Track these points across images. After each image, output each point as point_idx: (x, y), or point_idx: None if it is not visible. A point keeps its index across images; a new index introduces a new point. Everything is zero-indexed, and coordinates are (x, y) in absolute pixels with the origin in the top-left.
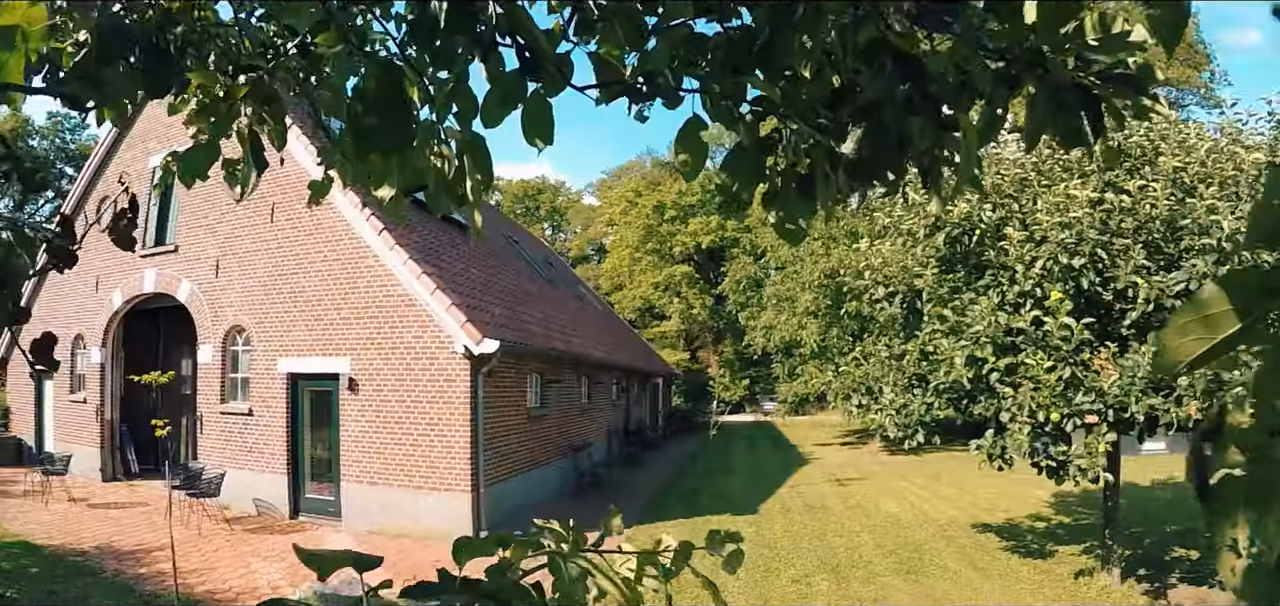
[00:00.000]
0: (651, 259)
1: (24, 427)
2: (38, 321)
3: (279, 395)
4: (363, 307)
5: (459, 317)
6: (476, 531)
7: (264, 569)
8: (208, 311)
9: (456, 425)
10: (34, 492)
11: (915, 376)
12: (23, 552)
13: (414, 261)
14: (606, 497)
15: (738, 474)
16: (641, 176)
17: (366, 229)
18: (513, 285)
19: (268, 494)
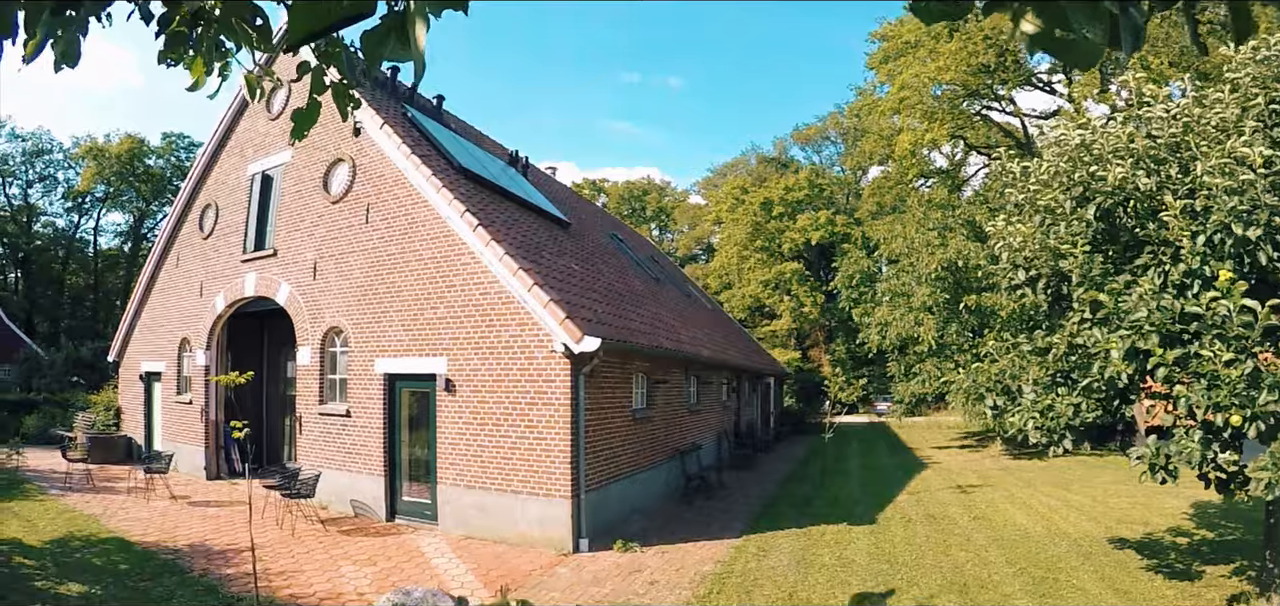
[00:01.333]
0: (760, 256)
1: (134, 427)
2: (145, 327)
3: (376, 396)
4: (459, 306)
5: (558, 314)
6: (576, 539)
7: (352, 573)
8: (306, 313)
9: (556, 427)
10: (137, 489)
11: (1060, 372)
12: (116, 549)
13: (510, 257)
14: (715, 503)
15: (853, 479)
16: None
17: (461, 226)
18: (616, 282)
19: (365, 495)
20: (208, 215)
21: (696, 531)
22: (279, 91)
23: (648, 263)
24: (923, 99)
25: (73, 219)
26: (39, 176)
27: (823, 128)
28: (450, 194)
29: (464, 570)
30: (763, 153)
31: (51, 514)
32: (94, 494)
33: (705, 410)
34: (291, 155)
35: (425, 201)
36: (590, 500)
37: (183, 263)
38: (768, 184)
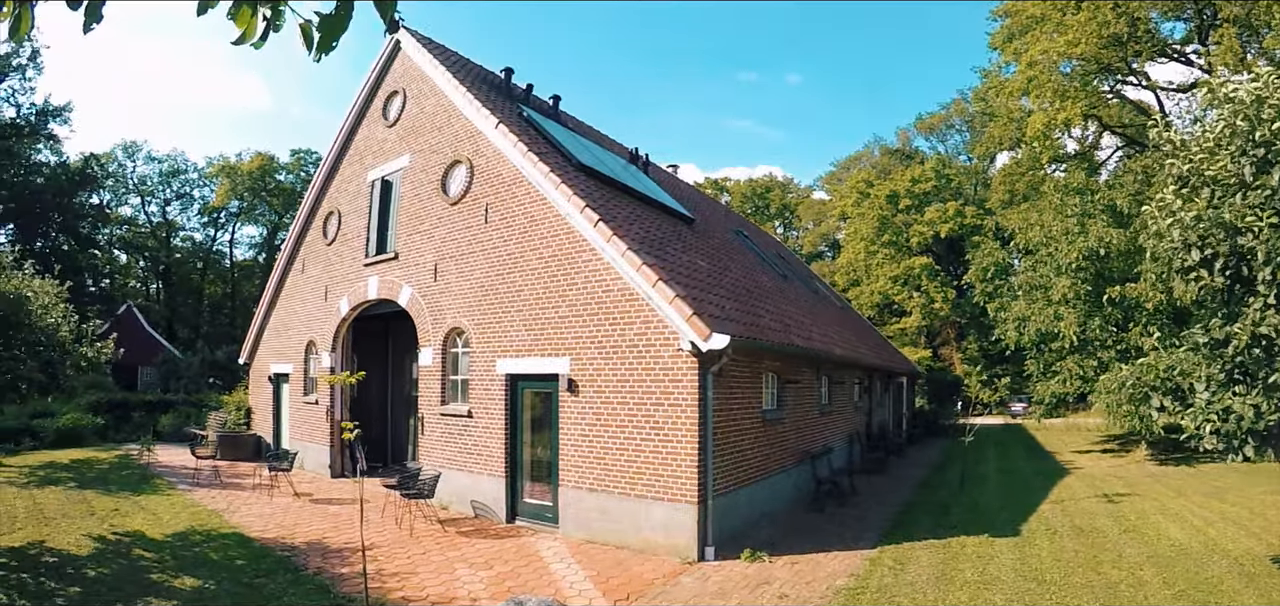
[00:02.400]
0: (888, 251)
1: (264, 426)
2: (273, 331)
3: (498, 397)
4: (582, 305)
5: (684, 311)
6: (701, 546)
7: (467, 577)
8: (427, 315)
9: (682, 429)
10: (262, 486)
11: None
12: (234, 545)
13: (633, 252)
14: (847, 510)
15: (991, 485)
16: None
17: (581, 222)
18: (744, 279)
19: (485, 496)
20: (331, 222)
21: (828, 540)
22: (396, 98)
23: (774, 259)
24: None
25: (209, 233)
26: (176, 195)
27: (946, 115)
28: (569, 190)
29: (583, 577)
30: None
31: (177, 508)
32: (220, 489)
33: (836, 411)
34: (410, 159)
35: (544, 199)
36: (717, 506)
37: (308, 268)
38: (893, 176)
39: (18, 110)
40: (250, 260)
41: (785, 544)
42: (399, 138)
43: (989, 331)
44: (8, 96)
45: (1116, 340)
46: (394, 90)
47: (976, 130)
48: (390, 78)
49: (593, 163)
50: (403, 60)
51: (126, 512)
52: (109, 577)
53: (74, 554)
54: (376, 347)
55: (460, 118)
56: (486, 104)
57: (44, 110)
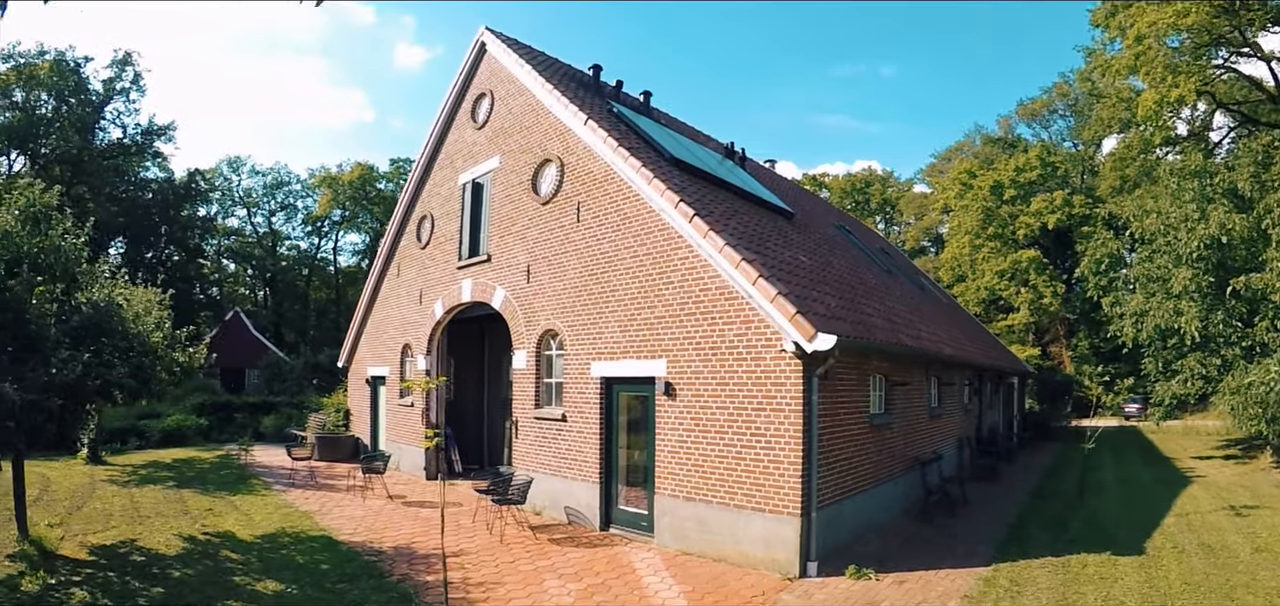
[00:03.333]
0: (993, 245)
1: (361, 428)
2: (370, 335)
3: (592, 400)
4: (677, 304)
5: (787, 309)
6: (803, 561)
7: (555, 589)
8: (521, 317)
9: (785, 435)
10: (356, 488)
11: None
12: (322, 548)
13: (731, 248)
14: (958, 522)
15: (1109, 495)
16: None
17: (676, 217)
18: (848, 275)
19: (579, 503)
20: (424, 226)
21: (938, 556)
22: (484, 101)
23: (878, 255)
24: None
25: (314, 241)
26: (280, 205)
27: (1048, 100)
28: (663, 185)
29: (676, 593)
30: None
31: (269, 508)
32: (314, 490)
33: (946, 415)
34: (499, 161)
35: (636, 195)
36: (821, 517)
37: (403, 272)
38: (996, 166)
39: (123, 130)
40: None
41: (892, 559)
42: (488, 140)
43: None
44: (113, 118)
45: (1241, 336)
46: (481, 92)
47: (1081, 114)
48: (477, 80)
49: (686, 157)
50: (489, 62)
51: (220, 512)
52: (193, 579)
53: (162, 553)
54: (473, 350)
55: (548, 116)
56: (574, 100)
57: (149, 129)
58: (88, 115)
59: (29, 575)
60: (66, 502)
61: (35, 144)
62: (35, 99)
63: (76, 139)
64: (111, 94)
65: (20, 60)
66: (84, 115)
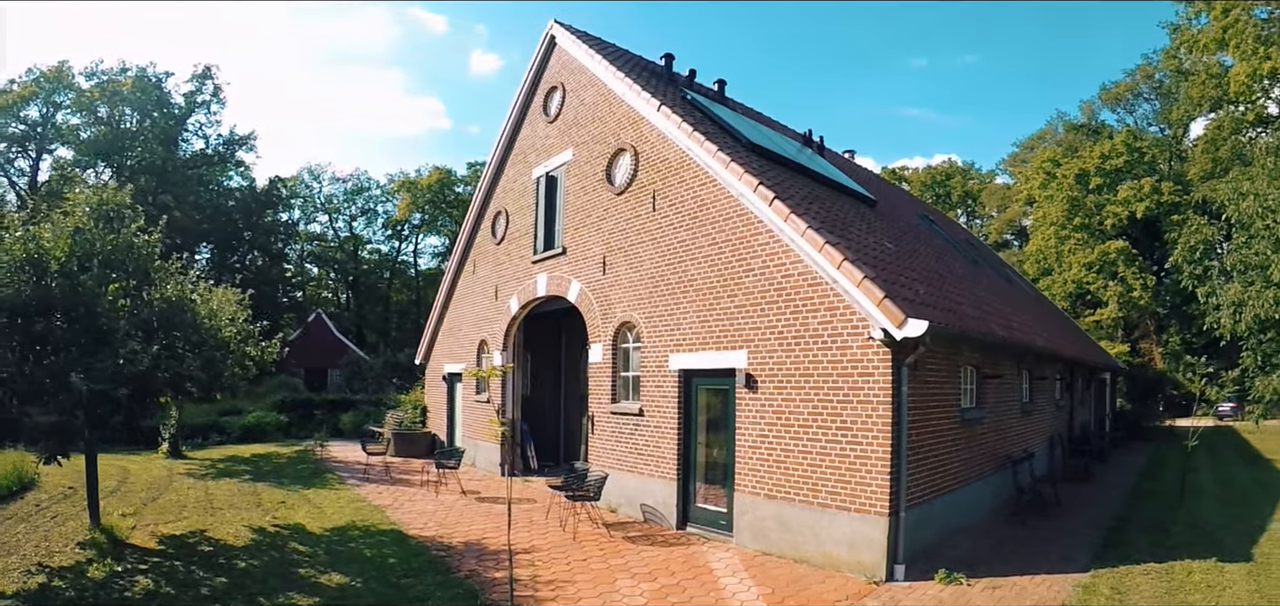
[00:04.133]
0: (1079, 236)
1: (438, 425)
2: (447, 332)
3: (670, 394)
4: (758, 293)
5: (875, 295)
6: (890, 565)
7: (628, 589)
8: (597, 310)
9: (873, 429)
10: (429, 483)
11: None
12: (390, 541)
13: (815, 231)
14: (1050, 523)
15: (1209, 498)
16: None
17: (755, 201)
18: (935, 263)
19: (655, 500)
20: (499, 222)
21: (1032, 560)
22: (555, 94)
23: (963, 245)
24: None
25: (394, 245)
26: (361, 211)
27: (1132, 82)
28: (741, 168)
29: (755, 595)
30: (1069, 119)
31: (342, 502)
32: (388, 485)
33: (1038, 412)
34: (572, 153)
35: (713, 181)
36: (910, 518)
37: (478, 269)
38: (1080, 154)
39: (206, 141)
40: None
41: (984, 563)
42: (560, 132)
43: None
44: (196, 129)
45: None
46: (553, 86)
47: (1167, 96)
48: (548, 74)
49: (764, 143)
50: (559, 55)
51: (292, 505)
52: (257, 570)
53: (231, 544)
54: (550, 347)
55: (621, 105)
56: (647, 88)
57: (230, 140)
58: (170, 127)
59: (96, 562)
60: (143, 494)
61: (120, 156)
62: (119, 114)
63: (160, 150)
64: (193, 107)
65: (103, 77)
66: (167, 127)
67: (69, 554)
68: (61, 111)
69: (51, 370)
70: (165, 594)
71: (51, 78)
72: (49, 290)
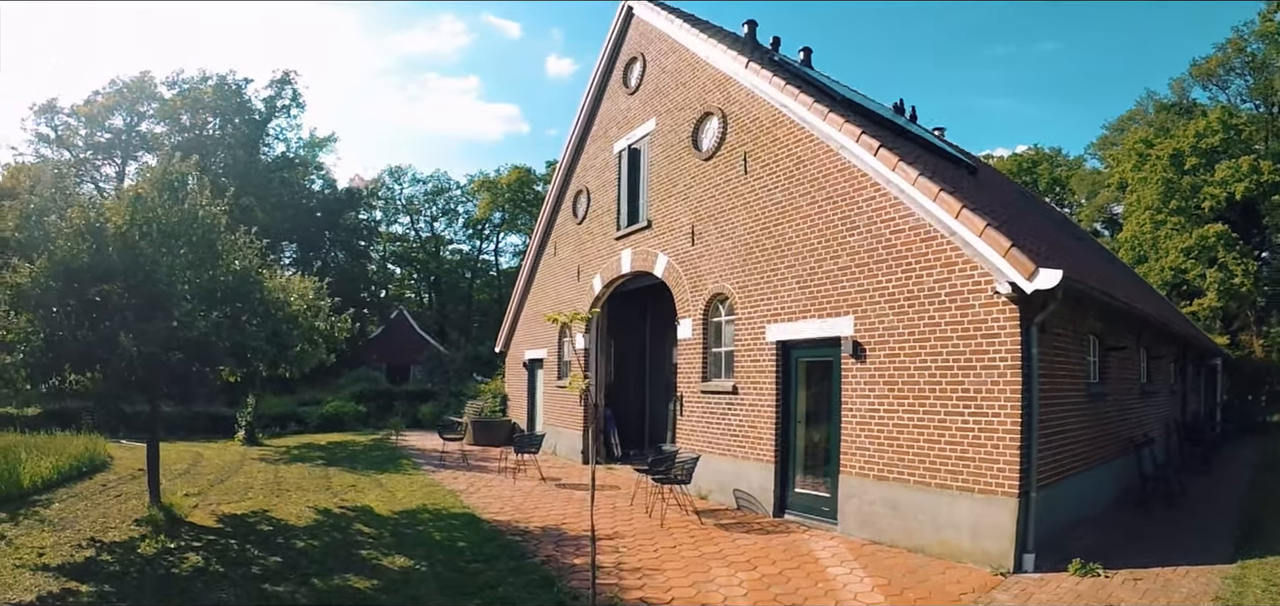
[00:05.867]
0: (1176, 220)
1: (518, 413)
2: (527, 318)
3: (767, 369)
4: (865, 252)
5: (999, 244)
6: (1019, 554)
7: (723, 579)
8: (686, 283)
9: (1000, 398)
10: (507, 469)
11: None
12: (462, 525)
13: (926, 180)
14: (1178, 513)
15: None
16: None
17: (859, 152)
18: (1043, 228)
19: (750, 485)
20: (580, 201)
21: (1167, 551)
22: (635, 64)
23: (1063, 223)
24: None
25: (475, 244)
26: (441, 211)
27: (1224, 57)
28: (840, 119)
29: (868, 586)
30: (1160, 99)
31: (414, 487)
32: (464, 471)
33: (1155, 393)
34: (655, 122)
35: (809, 136)
36: (1039, 501)
37: (560, 251)
38: (1173, 134)
39: (287, 145)
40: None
41: (1117, 554)
42: (642, 103)
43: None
44: (277, 134)
45: None
46: (632, 57)
47: (1262, 69)
48: (626, 46)
49: (858, 102)
50: (637, 26)
51: (362, 489)
52: (316, 550)
53: (291, 524)
54: (634, 330)
55: (706, 68)
56: (732, 48)
57: (311, 142)
58: (252, 132)
59: (149, 538)
60: (211, 476)
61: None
62: (202, 121)
63: (243, 155)
64: (273, 111)
65: (184, 86)
66: (248, 132)
67: (124, 530)
68: (145, 121)
69: (104, 335)
70: (213, 571)
71: (134, 88)
72: (107, 255)
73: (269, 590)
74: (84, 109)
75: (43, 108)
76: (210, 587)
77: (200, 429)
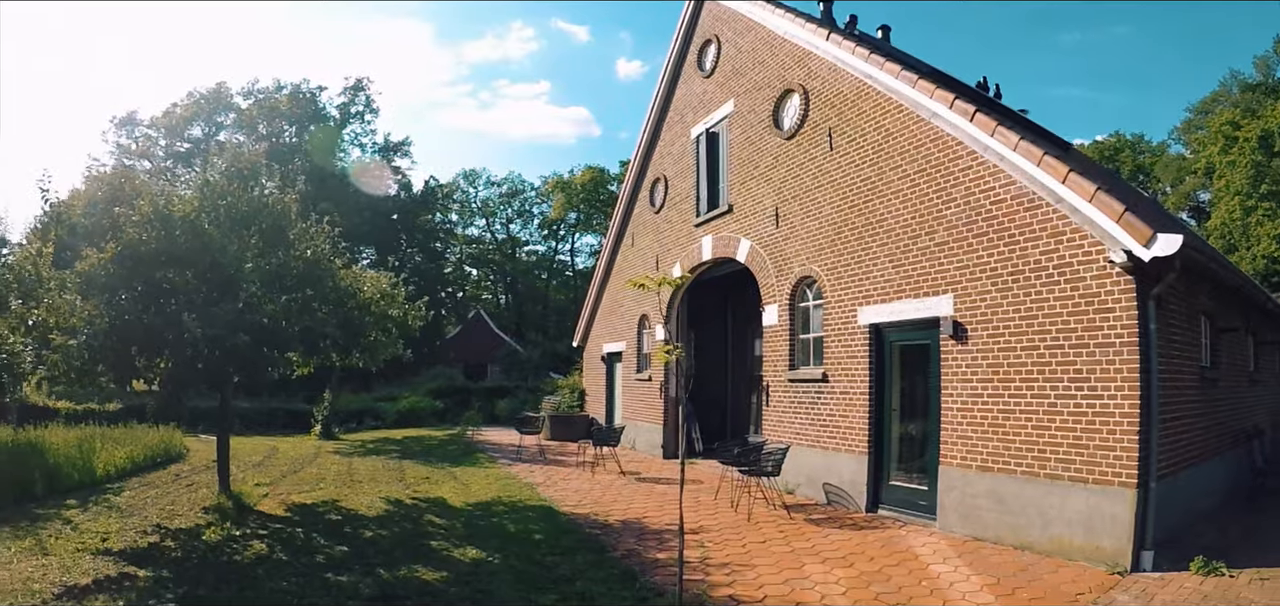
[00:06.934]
0: (1267, 206)
1: (596, 407)
2: (605, 312)
3: (859, 354)
4: (963, 225)
5: (1112, 208)
6: (1137, 550)
7: (819, 576)
8: (770, 267)
9: (1116, 378)
10: (585, 463)
11: None
12: (538, 518)
13: (1029, 144)
14: None
15: None
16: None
17: (954, 119)
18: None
19: (841, 478)
20: (657, 190)
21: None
22: (710, 47)
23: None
24: None
25: (550, 245)
26: (516, 213)
27: None
28: (931, 85)
29: (975, 585)
30: (1244, 78)
31: (489, 480)
32: (541, 465)
33: (1263, 382)
34: (733, 104)
35: (898, 106)
36: (1157, 493)
37: (637, 241)
38: (1261, 115)
39: (362, 149)
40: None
41: (1236, 552)
42: (718, 85)
43: None
44: (352, 139)
45: None
46: (706, 39)
47: None
48: (699, 29)
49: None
50: (710, 9)
51: (436, 481)
52: (385, 541)
53: (361, 514)
54: (715, 322)
55: (785, 44)
56: (810, 22)
57: (386, 146)
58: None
59: (215, 525)
60: (284, 467)
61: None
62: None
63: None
64: (347, 117)
65: (259, 95)
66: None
67: (190, 517)
68: (223, 130)
69: (170, 317)
70: (276, 559)
71: (211, 98)
72: (175, 240)
73: (332, 579)
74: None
75: (123, 120)
76: (271, 575)
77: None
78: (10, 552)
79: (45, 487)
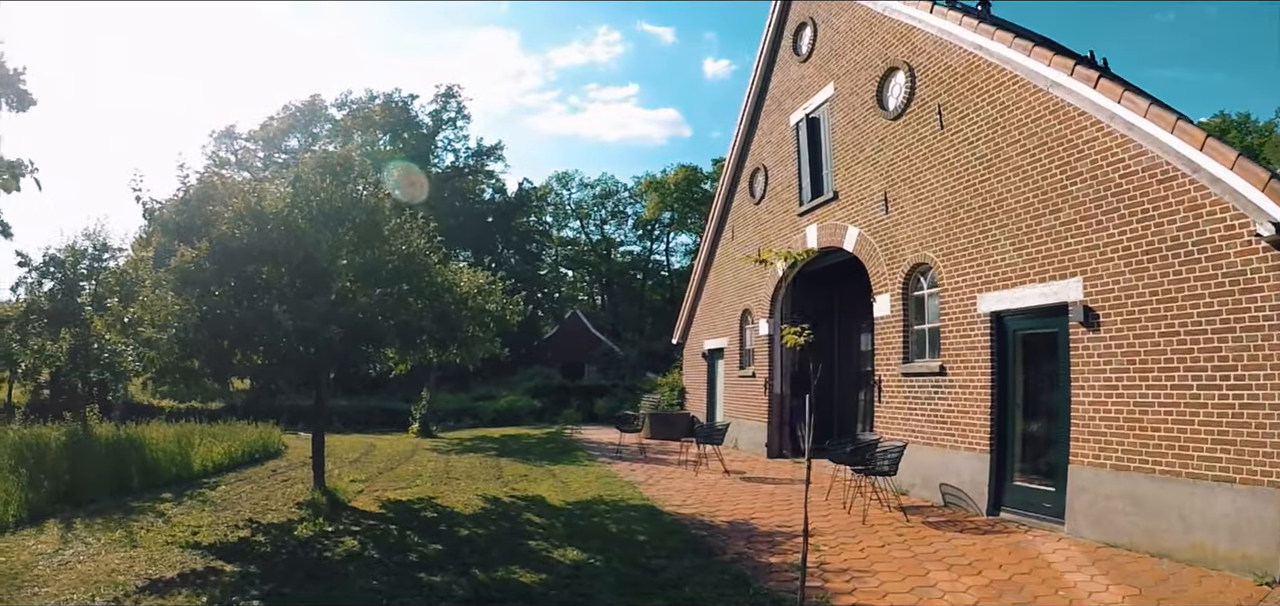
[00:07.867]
0: None
1: (697, 405)
2: (705, 307)
3: (979, 344)
4: (1091, 202)
5: (1257, 176)
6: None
7: (945, 583)
8: (881, 255)
9: (1265, 365)
10: (688, 462)
11: None
12: (641, 518)
13: (1160, 110)
14: None
15: None
16: None
17: (1076, 87)
18: None
19: (959, 478)
20: (757, 180)
21: None
22: (805, 30)
23: None
24: None
25: (645, 245)
26: (610, 214)
27: None
28: (1049, 52)
29: (1117, 595)
30: None
31: (589, 478)
32: (642, 464)
33: None
34: (833, 87)
35: (1013, 77)
36: None
37: (738, 234)
38: None
39: (455, 155)
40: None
41: None
42: (816, 69)
43: None
44: (446, 145)
45: None
46: (800, 23)
47: None
48: (792, 14)
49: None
50: None
51: (535, 479)
52: (481, 539)
53: (457, 512)
54: (820, 317)
55: (884, 21)
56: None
57: (479, 151)
58: (421, 145)
59: (307, 521)
60: (381, 464)
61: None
62: (372, 138)
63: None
64: (440, 124)
65: (353, 106)
66: (418, 145)
67: (283, 513)
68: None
69: (262, 311)
70: (368, 557)
71: (306, 111)
72: (267, 235)
73: (424, 579)
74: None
75: (222, 133)
76: (362, 573)
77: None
78: (99, 543)
79: (142, 481)
